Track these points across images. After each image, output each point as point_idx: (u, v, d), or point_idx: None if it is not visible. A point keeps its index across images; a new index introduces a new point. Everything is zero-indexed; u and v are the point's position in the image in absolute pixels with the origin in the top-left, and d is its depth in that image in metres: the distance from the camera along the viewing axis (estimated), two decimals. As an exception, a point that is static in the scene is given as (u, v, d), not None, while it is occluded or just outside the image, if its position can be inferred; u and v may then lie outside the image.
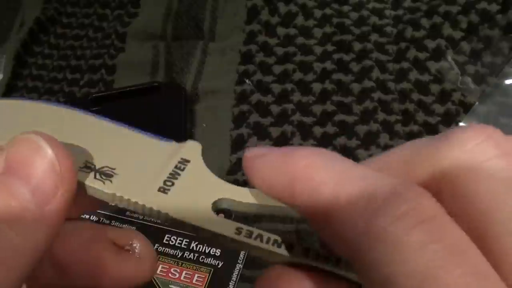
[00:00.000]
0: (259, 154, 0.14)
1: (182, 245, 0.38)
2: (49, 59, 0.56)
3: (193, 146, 0.17)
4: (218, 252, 0.37)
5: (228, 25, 0.52)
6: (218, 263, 0.36)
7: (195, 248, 0.37)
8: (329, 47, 0.48)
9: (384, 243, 0.12)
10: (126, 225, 0.40)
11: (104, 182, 0.15)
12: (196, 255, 0.37)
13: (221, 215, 0.15)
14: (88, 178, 0.15)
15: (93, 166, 0.16)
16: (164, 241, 0.38)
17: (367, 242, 0.12)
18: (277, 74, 0.47)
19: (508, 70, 0.43)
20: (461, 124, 0.42)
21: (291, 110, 0.45)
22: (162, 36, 0.52)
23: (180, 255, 0.37)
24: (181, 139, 0.49)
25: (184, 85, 0.48)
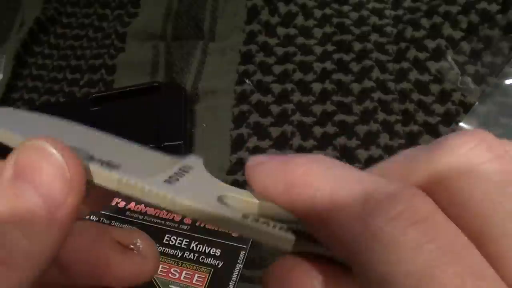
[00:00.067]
0: (260, 162, 0.15)
1: (182, 245, 0.38)
2: (49, 59, 0.56)
3: (195, 159, 0.18)
4: (218, 252, 0.37)
5: (228, 25, 0.52)
6: (218, 263, 0.36)
7: (195, 248, 0.37)
8: (329, 47, 0.48)
9: (380, 243, 0.12)
10: (126, 225, 0.40)
11: (110, 170, 0.15)
12: (196, 255, 0.37)
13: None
14: (94, 166, 0.15)
15: (98, 159, 0.16)
16: (164, 241, 0.38)
17: (364, 243, 0.12)
18: (277, 74, 0.47)
19: (508, 70, 0.43)
20: (461, 124, 0.42)
21: (291, 110, 0.45)
22: (162, 36, 0.53)
23: (180, 255, 0.37)
24: (181, 139, 0.49)
25: (184, 85, 0.48)
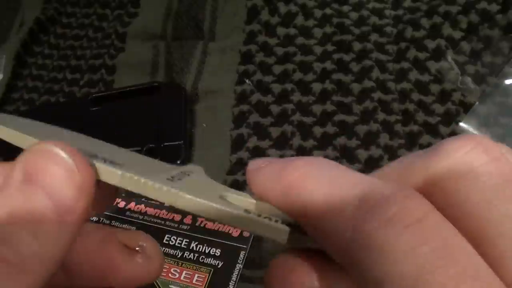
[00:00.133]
0: (260, 167, 0.16)
1: (182, 245, 0.38)
2: (49, 59, 0.56)
3: (195, 166, 0.18)
4: (218, 252, 0.37)
5: (228, 25, 0.52)
6: (218, 263, 0.36)
7: (195, 248, 0.37)
8: (329, 47, 0.48)
9: (374, 247, 0.12)
10: (126, 225, 0.40)
11: (114, 166, 0.15)
12: (196, 255, 0.37)
13: None
14: (97, 162, 0.15)
15: (101, 157, 0.16)
16: (164, 241, 0.38)
17: (358, 247, 0.12)
18: (277, 74, 0.47)
19: (508, 70, 0.43)
20: (461, 124, 0.42)
21: (291, 110, 0.45)
22: (162, 36, 0.53)
23: (180, 255, 0.37)
24: (181, 139, 0.49)
25: (184, 85, 0.48)
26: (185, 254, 0.37)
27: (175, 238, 0.38)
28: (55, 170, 0.14)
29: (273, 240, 0.15)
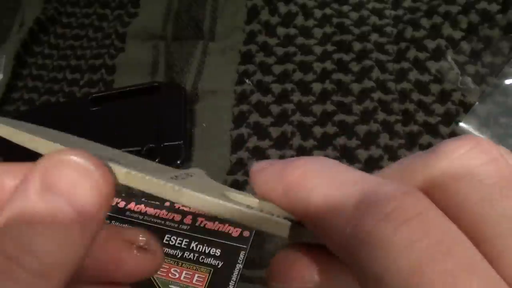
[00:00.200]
0: (262, 168, 0.16)
1: (182, 245, 0.38)
2: (49, 59, 0.56)
3: (197, 169, 0.19)
4: (218, 252, 0.37)
5: (228, 25, 0.52)
6: (218, 263, 0.36)
7: (195, 248, 0.37)
8: (329, 47, 0.48)
9: (373, 243, 0.12)
10: (126, 225, 0.40)
11: (119, 164, 0.15)
12: (196, 255, 0.37)
13: None
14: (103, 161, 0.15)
15: (105, 157, 0.16)
16: (164, 241, 0.38)
17: (357, 243, 0.12)
18: (277, 74, 0.47)
19: (508, 70, 0.43)
20: (461, 124, 0.42)
21: (291, 110, 0.45)
22: (162, 36, 0.53)
23: (180, 255, 0.37)
24: (181, 139, 0.49)
25: (184, 85, 0.48)
26: (185, 254, 0.37)
27: (175, 238, 0.38)
28: (76, 177, 0.14)
29: (275, 235, 0.15)
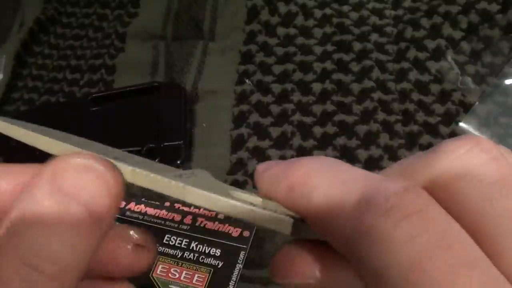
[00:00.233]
0: (267, 168, 0.16)
1: (182, 245, 0.38)
2: (49, 59, 0.56)
3: (202, 170, 0.19)
4: (218, 252, 0.37)
5: (228, 25, 0.52)
6: (218, 263, 0.36)
7: (195, 248, 0.37)
8: (329, 47, 0.48)
9: (373, 239, 0.12)
10: (126, 225, 0.40)
11: (125, 163, 0.15)
12: (196, 255, 0.37)
13: None
14: (109, 159, 0.15)
15: (112, 157, 0.16)
16: (164, 241, 0.38)
17: (358, 239, 0.12)
18: (277, 74, 0.47)
19: (508, 70, 0.43)
20: (461, 124, 0.42)
21: (291, 110, 0.45)
22: (162, 36, 0.53)
23: (180, 255, 0.37)
24: (181, 139, 0.49)
25: (184, 85, 0.48)
26: (185, 254, 0.37)
27: (175, 238, 0.38)
28: (87, 179, 0.14)
29: (278, 232, 0.15)
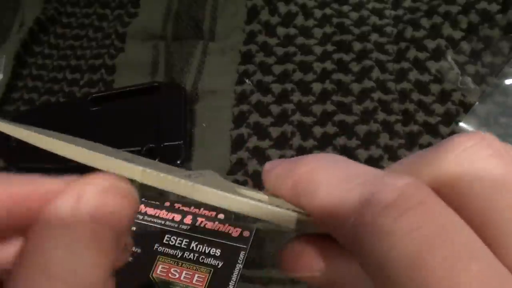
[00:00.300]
0: (274, 166, 0.17)
1: (182, 245, 0.38)
2: (49, 59, 0.56)
3: (209, 171, 0.20)
4: (218, 252, 0.37)
5: (228, 25, 0.52)
6: (218, 263, 0.36)
7: (195, 248, 0.37)
8: (329, 47, 0.48)
9: (374, 232, 0.12)
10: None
11: (134, 164, 0.16)
12: (196, 255, 0.37)
13: None
14: (118, 160, 0.16)
15: (122, 158, 0.17)
16: (164, 241, 0.38)
17: (360, 233, 0.13)
18: (277, 74, 0.47)
19: (508, 70, 0.43)
20: (461, 124, 0.42)
21: (291, 110, 0.45)
22: (162, 36, 0.53)
23: (180, 255, 0.37)
24: (181, 139, 0.49)
25: (184, 85, 0.48)
26: (185, 254, 0.37)
27: (175, 238, 0.38)
28: (112, 201, 0.15)
29: (283, 226, 0.16)
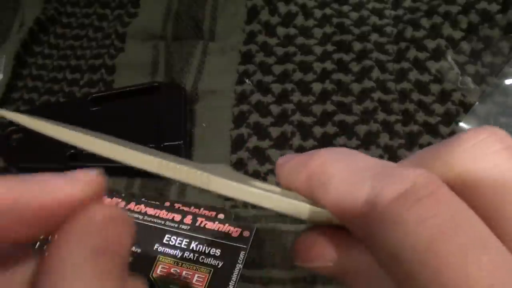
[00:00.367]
0: (287, 160, 0.17)
1: (182, 245, 0.38)
2: (49, 59, 0.56)
3: (223, 164, 0.19)
4: (218, 252, 0.37)
5: (228, 25, 0.52)
6: (218, 263, 0.36)
7: (195, 248, 0.37)
8: (329, 47, 0.48)
9: (387, 222, 0.13)
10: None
11: (150, 155, 0.16)
12: (196, 255, 0.37)
13: None
14: (134, 151, 0.17)
15: (139, 150, 0.17)
16: (164, 241, 0.38)
17: (373, 222, 0.13)
18: (277, 74, 0.47)
19: (508, 70, 0.43)
20: (461, 124, 0.42)
21: (291, 110, 0.45)
22: (162, 36, 0.53)
23: (180, 255, 0.37)
24: (181, 139, 0.49)
25: (184, 85, 0.48)
26: (185, 254, 0.37)
27: (175, 238, 0.38)
28: (115, 229, 0.15)
29: (296, 217, 0.16)
